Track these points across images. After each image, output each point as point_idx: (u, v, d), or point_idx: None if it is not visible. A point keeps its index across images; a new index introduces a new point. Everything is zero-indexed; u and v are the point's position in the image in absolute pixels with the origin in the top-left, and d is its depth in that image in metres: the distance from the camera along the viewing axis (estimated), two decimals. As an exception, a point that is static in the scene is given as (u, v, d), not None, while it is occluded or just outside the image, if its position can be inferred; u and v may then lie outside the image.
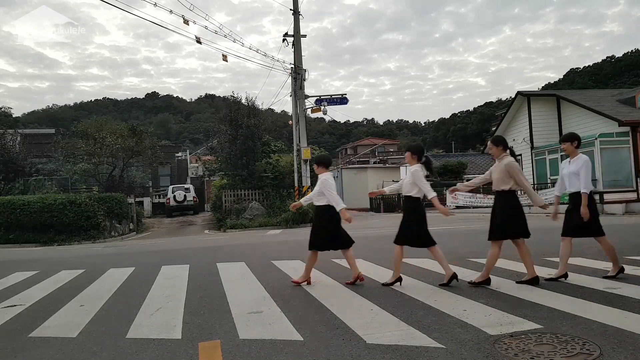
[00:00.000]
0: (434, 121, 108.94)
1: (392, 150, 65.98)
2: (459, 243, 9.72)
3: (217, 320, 4.32)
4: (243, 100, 25.26)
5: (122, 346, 3.73)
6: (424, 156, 5.56)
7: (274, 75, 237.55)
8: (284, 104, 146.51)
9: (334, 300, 4.90)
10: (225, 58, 19.76)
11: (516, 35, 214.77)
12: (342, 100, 23.28)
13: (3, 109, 59.78)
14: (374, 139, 68.50)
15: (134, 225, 22.81)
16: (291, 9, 22.41)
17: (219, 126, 26.40)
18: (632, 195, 17.90)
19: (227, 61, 20.49)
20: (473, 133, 73.77)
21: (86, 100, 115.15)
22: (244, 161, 23.47)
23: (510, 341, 3.37)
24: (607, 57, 77.72)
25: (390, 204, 29.36)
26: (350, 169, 38.20)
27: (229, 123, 24.40)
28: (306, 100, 22.78)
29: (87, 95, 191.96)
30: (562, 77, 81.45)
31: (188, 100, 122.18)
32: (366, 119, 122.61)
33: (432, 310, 4.31)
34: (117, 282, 6.73)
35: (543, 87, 75.02)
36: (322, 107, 22.97)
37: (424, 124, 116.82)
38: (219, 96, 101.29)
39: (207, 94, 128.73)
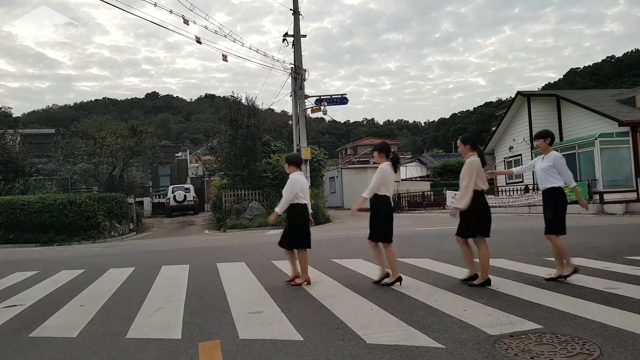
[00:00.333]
0: (434, 121, 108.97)
1: (392, 150, 65.86)
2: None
3: (217, 320, 4.32)
4: (243, 100, 25.26)
5: (122, 346, 3.73)
6: (391, 153, 5.77)
7: (274, 75, 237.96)
8: (284, 104, 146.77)
9: (334, 300, 4.90)
10: (225, 58, 19.76)
11: (516, 35, 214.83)
12: (342, 100, 23.28)
13: (3, 109, 59.86)
14: (374, 139, 68.24)
15: (134, 225, 22.81)
16: (291, 9, 22.42)
17: (219, 126, 26.38)
18: (632, 195, 17.89)
19: (227, 61, 20.50)
20: (473, 133, 73.40)
21: (86, 100, 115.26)
22: (244, 161, 23.47)
23: (510, 341, 3.37)
24: (607, 57, 77.78)
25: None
26: (350, 169, 38.16)
27: (229, 123, 24.39)
28: (306, 100, 22.78)
29: (87, 95, 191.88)
30: (562, 77, 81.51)
31: (188, 100, 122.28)
32: (366, 119, 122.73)
33: (432, 310, 4.31)
34: (117, 282, 6.73)
35: (543, 87, 75.04)
36: (322, 107, 22.97)
37: (424, 124, 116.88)
38: (219, 96, 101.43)
39: (207, 94, 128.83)
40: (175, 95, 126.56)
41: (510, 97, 33.37)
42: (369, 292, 5.22)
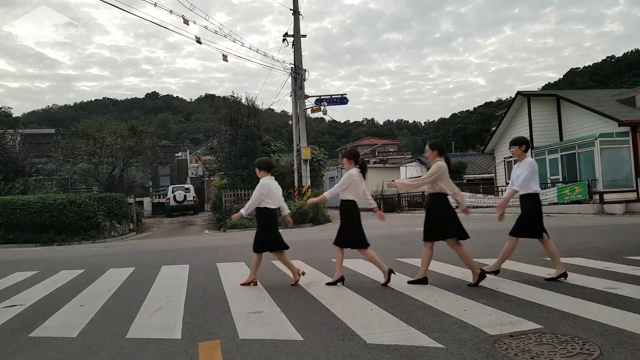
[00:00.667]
0: (434, 121, 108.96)
1: (392, 150, 65.98)
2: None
3: (217, 320, 4.32)
4: (243, 100, 25.31)
5: (122, 346, 3.73)
6: (359, 159, 5.90)
7: (274, 75, 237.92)
8: (284, 104, 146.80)
9: (334, 300, 4.90)
10: (225, 58, 19.80)
11: (516, 35, 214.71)
12: (342, 100, 23.29)
13: (3, 109, 59.81)
14: (374, 139, 68.48)
15: (134, 225, 22.81)
16: (291, 9, 22.44)
17: (219, 126, 26.42)
18: (632, 195, 17.91)
19: (227, 61, 20.55)
20: (473, 133, 73.68)
21: (86, 100, 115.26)
22: (244, 161, 23.48)
23: (510, 341, 3.37)
24: (607, 57, 77.69)
25: (390, 204, 29.38)
26: (350, 169, 38.14)
27: (229, 123, 24.42)
28: (306, 100, 22.81)
29: (87, 95, 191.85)
30: (562, 77, 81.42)
31: (188, 100, 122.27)
32: (366, 119, 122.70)
33: (432, 310, 4.31)
34: (117, 282, 6.73)
35: (543, 87, 75.00)
36: (322, 107, 22.99)
37: (424, 124, 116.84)
38: (219, 96, 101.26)
39: (207, 94, 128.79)
40: (175, 95, 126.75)
41: (510, 97, 33.39)
42: (369, 292, 5.22)
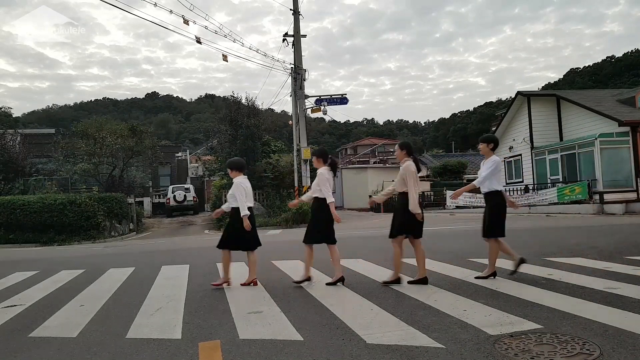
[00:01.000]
0: (434, 121, 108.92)
1: (392, 150, 65.87)
2: (459, 243, 9.71)
3: (217, 320, 4.32)
4: (243, 100, 25.31)
5: (122, 346, 3.73)
6: (329, 158, 5.96)
7: (274, 75, 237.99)
8: (284, 104, 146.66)
9: (334, 300, 4.90)
10: (225, 58, 19.79)
11: (516, 35, 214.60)
12: (342, 100, 23.29)
13: (3, 109, 59.67)
14: (374, 139, 68.44)
15: (134, 225, 22.80)
16: (291, 9, 22.43)
17: (219, 126, 26.42)
18: (632, 195, 17.91)
19: (227, 61, 20.54)
20: (473, 133, 73.62)
21: (86, 100, 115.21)
22: (244, 161, 23.50)
23: (510, 341, 3.37)
24: (607, 57, 77.72)
25: (391, 204, 29.34)
26: (351, 169, 38.19)
27: (229, 123, 24.42)
28: (306, 100, 22.80)
29: (87, 95, 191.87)
30: (562, 77, 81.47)
31: (188, 100, 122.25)
32: (366, 119, 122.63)
33: (432, 310, 4.31)
34: (117, 282, 6.73)
35: (543, 87, 75.02)
36: (322, 107, 22.98)
37: (424, 124, 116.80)
38: (219, 96, 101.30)
39: (207, 94, 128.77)
40: (175, 95, 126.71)
41: (510, 97, 33.40)
42: (369, 292, 5.22)
